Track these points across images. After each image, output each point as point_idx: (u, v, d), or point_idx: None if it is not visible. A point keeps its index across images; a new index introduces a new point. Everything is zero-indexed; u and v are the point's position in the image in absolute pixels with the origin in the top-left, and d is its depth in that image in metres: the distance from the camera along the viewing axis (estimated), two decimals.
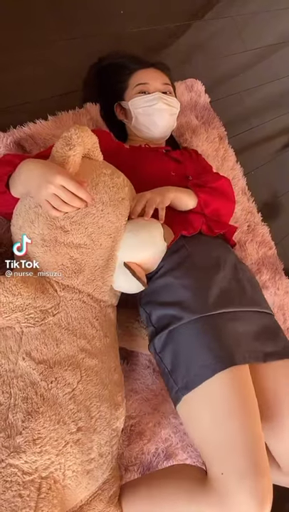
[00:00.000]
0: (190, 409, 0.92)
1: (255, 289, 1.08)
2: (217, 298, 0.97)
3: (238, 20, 2.00)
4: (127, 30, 1.50)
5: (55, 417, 0.78)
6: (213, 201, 1.14)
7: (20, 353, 0.81)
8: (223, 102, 1.80)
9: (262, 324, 1.01)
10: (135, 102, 1.25)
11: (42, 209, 0.88)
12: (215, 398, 0.87)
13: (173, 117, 1.29)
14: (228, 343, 0.91)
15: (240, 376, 0.88)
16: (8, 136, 1.12)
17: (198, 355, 0.91)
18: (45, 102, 1.25)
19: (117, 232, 0.94)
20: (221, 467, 0.81)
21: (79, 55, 1.34)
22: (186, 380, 0.91)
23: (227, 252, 1.11)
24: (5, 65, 1.17)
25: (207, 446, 0.87)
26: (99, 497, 0.89)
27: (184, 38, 1.74)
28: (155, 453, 1.17)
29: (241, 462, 0.80)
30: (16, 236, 0.94)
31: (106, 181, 0.94)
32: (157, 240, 0.96)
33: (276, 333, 1.04)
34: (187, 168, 1.23)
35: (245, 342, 0.94)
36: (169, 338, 0.96)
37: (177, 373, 0.93)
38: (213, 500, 0.80)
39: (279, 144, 2.06)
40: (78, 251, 0.89)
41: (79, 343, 0.87)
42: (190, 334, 0.93)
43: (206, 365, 0.88)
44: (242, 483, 0.78)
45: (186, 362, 0.92)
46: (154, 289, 1.02)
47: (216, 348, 0.90)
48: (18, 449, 0.73)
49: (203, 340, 0.92)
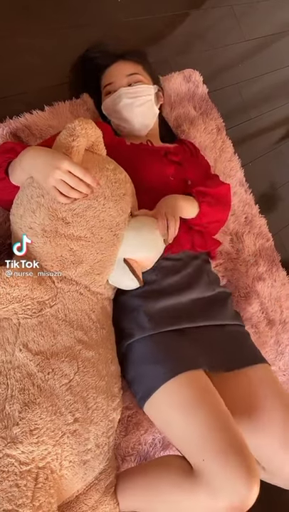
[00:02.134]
0: (154, 413, 0.97)
1: (220, 305, 1.12)
2: (169, 317, 1.03)
3: (237, 10, 1.98)
4: (123, 19, 1.48)
5: (51, 408, 0.78)
6: (212, 213, 1.16)
7: (17, 344, 0.81)
8: (222, 92, 1.78)
9: (226, 336, 1.06)
10: (106, 105, 1.25)
11: (45, 199, 0.88)
12: (172, 400, 0.91)
13: (145, 105, 1.22)
14: (178, 354, 0.97)
15: (193, 378, 0.92)
16: (5, 126, 1.11)
17: (150, 368, 0.96)
18: (41, 92, 1.23)
19: (117, 227, 0.94)
20: (200, 455, 0.82)
21: (76, 45, 1.33)
22: (143, 389, 0.96)
23: (201, 275, 1.13)
24: (2, 54, 1.15)
25: (182, 441, 0.89)
26: (95, 487, 0.90)
27: (182, 27, 1.72)
28: (152, 443, 1.18)
29: (218, 443, 0.81)
30: (15, 225, 0.93)
31: (109, 176, 0.94)
32: (159, 241, 0.97)
33: (242, 342, 1.09)
34: (187, 172, 1.22)
35: (203, 354, 0.99)
36: (126, 352, 1.02)
37: (135, 384, 1.00)
38: (200, 488, 0.80)
39: (277, 135, 2.04)
40: (78, 243, 0.89)
41: (76, 335, 0.87)
42: (142, 350, 1.00)
43: (157, 375, 0.93)
44: (224, 462, 0.78)
45: (140, 375, 0.98)
46: (121, 302, 1.06)
47: (165, 360, 0.95)
48: (15, 439, 0.74)
49: (154, 354, 0.98)
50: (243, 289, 1.52)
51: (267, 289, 1.58)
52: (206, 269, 1.17)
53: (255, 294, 1.53)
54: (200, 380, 0.93)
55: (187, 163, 1.25)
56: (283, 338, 1.56)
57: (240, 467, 0.77)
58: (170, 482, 0.87)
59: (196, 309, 1.07)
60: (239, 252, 1.57)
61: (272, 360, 1.50)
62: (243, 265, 1.55)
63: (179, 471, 0.87)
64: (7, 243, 1.05)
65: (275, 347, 1.52)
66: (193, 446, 0.85)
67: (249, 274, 1.55)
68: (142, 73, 1.25)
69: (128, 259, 0.95)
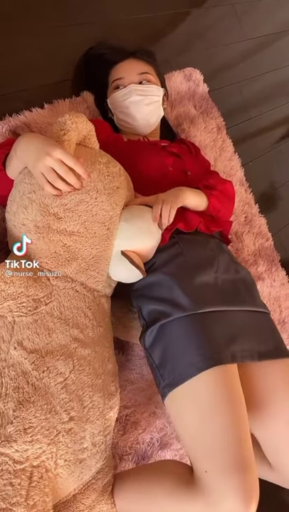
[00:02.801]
0: (175, 405, 0.92)
1: (249, 289, 1.08)
2: (207, 296, 0.97)
3: (238, 8, 1.97)
4: (124, 17, 1.48)
5: (46, 407, 0.78)
6: (222, 206, 1.15)
7: (12, 342, 0.80)
8: (222, 91, 1.78)
9: (254, 324, 1.01)
10: (113, 99, 1.24)
11: (36, 195, 0.87)
12: (200, 396, 0.87)
13: (153, 105, 1.24)
14: (216, 342, 0.91)
15: (226, 375, 0.88)
16: (4, 124, 1.11)
17: (185, 353, 0.91)
18: (41, 90, 1.23)
19: (111, 221, 0.93)
20: (205, 465, 0.81)
21: (76, 43, 1.33)
22: (172, 376, 0.91)
23: (221, 251, 1.11)
24: (1, 52, 1.15)
25: (192, 443, 0.87)
26: (92, 486, 0.89)
27: (183, 26, 1.71)
28: (150, 442, 1.18)
29: (225, 459, 0.79)
30: (9, 222, 0.93)
31: (101, 169, 0.93)
32: (153, 228, 0.96)
33: (269, 333, 1.04)
34: (186, 163, 1.22)
35: (234, 341, 0.93)
36: (158, 334, 0.96)
37: (164, 369, 0.93)
38: (198, 499, 0.80)
39: (278, 134, 2.04)
40: (71, 239, 0.89)
41: (72, 333, 0.87)
42: (178, 331, 0.93)
43: (192, 363, 0.89)
44: (226, 481, 0.77)
45: (173, 359, 0.93)
46: (145, 283, 1.01)
47: (202, 347, 0.90)
48: (9, 438, 0.73)
49: (191, 338, 0.92)
50: None
51: (266, 289, 1.57)
52: (225, 248, 1.15)
53: None
54: (232, 378, 0.89)
55: (185, 156, 1.25)
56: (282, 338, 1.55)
57: (242, 486, 0.77)
58: (168, 489, 0.87)
59: (230, 290, 1.02)
60: (238, 251, 1.57)
61: None
62: (243, 265, 1.55)
63: (177, 478, 0.87)
64: (5, 241, 1.05)
65: None
66: (200, 453, 0.84)
67: None
68: (152, 74, 1.26)
69: (126, 251, 0.94)
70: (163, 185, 1.11)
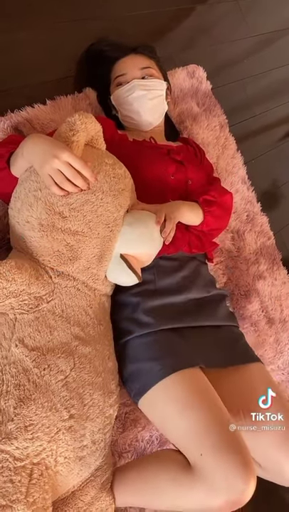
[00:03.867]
0: (149, 410, 0.97)
1: (213, 306, 1.12)
2: (167, 316, 1.02)
3: (242, 5, 1.96)
4: (128, 13, 1.47)
5: (47, 404, 0.78)
6: (215, 223, 1.16)
7: (14, 339, 0.81)
8: (225, 89, 1.77)
9: (218, 336, 1.07)
10: (116, 96, 1.24)
11: (42, 193, 0.87)
12: (167, 396, 0.91)
13: (157, 99, 1.24)
14: (176, 352, 0.97)
15: (191, 376, 0.93)
16: (6, 120, 1.11)
17: (147, 365, 0.96)
18: (43, 86, 1.23)
19: (114, 223, 0.94)
20: (198, 450, 0.82)
21: (79, 39, 1.32)
22: (139, 385, 0.96)
23: (197, 275, 1.13)
24: (4, 48, 1.15)
25: (179, 436, 0.89)
26: (91, 483, 0.90)
27: (187, 22, 1.70)
28: (149, 440, 1.18)
29: (214, 439, 0.81)
30: (13, 219, 0.93)
31: (107, 171, 0.93)
32: (155, 235, 0.97)
33: (233, 342, 1.09)
34: (188, 171, 1.21)
35: (196, 352, 0.99)
36: (122, 350, 1.01)
37: (131, 381, 0.99)
38: (198, 482, 0.81)
39: (281, 132, 2.03)
40: (75, 238, 0.89)
41: (73, 331, 0.87)
42: (140, 347, 0.99)
43: (153, 372, 0.93)
44: (221, 458, 0.79)
45: (137, 372, 0.98)
46: (117, 300, 1.06)
47: (162, 357, 0.95)
48: (9, 435, 0.74)
49: (151, 351, 0.97)
50: (244, 287, 1.51)
51: (267, 288, 1.57)
52: (202, 272, 1.17)
53: (256, 292, 1.53)
54: (197, 377, 0.93)
55: (189, 164, 1.24)
56: (283, 337, 1.55)
57: (237, 462, 0.78)
58: (167, 477, 0.88)
59: (192, 310, 1.07)
60: (240, 250, 1.56)
61: (271, 358, 1.50)
62: (244, 263, 1.55)
63: (176, 465, 0.87)
64: (7, 237, 1.05)
65: (274, 346, 1.52)
66: (190, 442, 0.85)
67: (250, 273, 1.55)
68: (154, 68, 1.26)
69: (125, 255, 0.94)
70: (163, 193, 1.12)
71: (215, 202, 1.16)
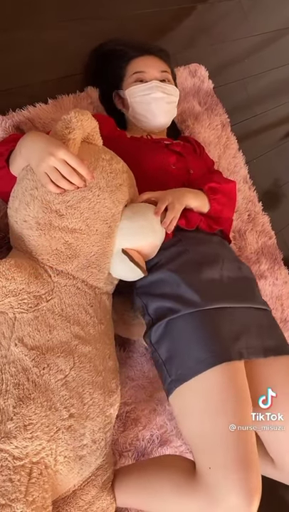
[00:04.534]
0: (181, 401, 0.92)
1: (250, 286, 1.09)
2: (214, 293, 0.97)
3: (244, 3, 1.95)
4: (129, 12, 1.47)
5: (46, 404, 0.78)
6: (221, 211, 1.16)
7: (13, 338, 0.80)
8: (227, 88, 1.77)
9: (257, 321, 1.02)
10: (132, 91, 1.23)
11: (38, 192, 0.87)
12: (207, 392, 0.87)
13: (171, 105, 1.26)
14: (224, 338, 0.91)
15: (234, 372, 0.88)
16: (8, 119, 1.10)
17: (193, 349, 0.91)
18: (45, 85, 1.22)
19: (112, 219, 0.93)
20: (209, 461, 0.81)
21: (81, 38, 1.32)
22: (180, 372, 0.91)
23: (224, 249, 1.12)
24: (5, 46, 1.14)
25: (196, 439, 0.87)
26: (92, 482, 0.90)
27: (188, 20, 1.70)
28: (150, 439, 1.18)
29: (229, 456, 0.79)
30: (11, 219, 0.93)
31: (104, 166, 0.93)
32: (156, 227, 0.96)
33: (271, 330, 1.04)
34: (189, 162, 1.21)
35: (239, 338, 0.94)
36: (165, 329, 0.96)
37: (171, 365, 0.93)
38: (200, 494, 0.80)
39: (282, 131, 2.03)
40: (73, 236, 0.89)
41: (72, 330, 0.87)
42: (186, 327, 0.93)
43: (200, 359, 0.89)
44: (230, 477, 0.77)
45: (180, 354, 0.92)
46: (151, 280, 1.01)
47: (211, 343, 0.90)
48: (8, 434, 0.73)
49: (199, 334, 0.92)
50: None
51: (268, 287, 1.57)
52: (226, 245, 1.16)
53: None
54: (239, 375, 0.89)
55: (189, 155, 1.24)
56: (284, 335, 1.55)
57: (245, 483, 0.77)
58: (170, 483, 0.87)
59: (233, 288, 1.03)
60: (241, 249, 1.56)
61: None
62: (245, 263, 1.54)
63: (179, 472, 0.87)
64: (8, 237, 1.05)
65: None
66: (205, 450, 0.84)
67: None
68: (170, 74, 1.28)
69: (127, 250, 0.93)
70: (165, 183, 1.11)
71: (220, 189, 1.15)
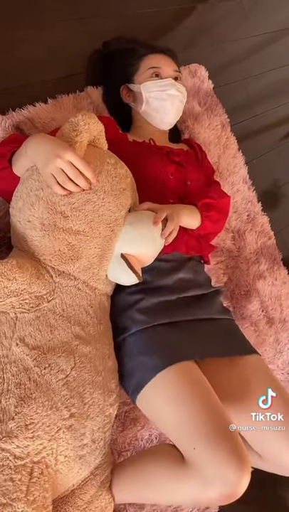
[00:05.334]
0: (146, 406, 0.97)
1: (209, 300, 1.13)
2: (163, 312, 1.03)
3: (245, 4, 1.95)
4: (130, 11, 1.46)
5: (47, 403, 0.78)
6: (212, 227, 1.17)
7: (14, 338, 0.81)
8: (227, 88, 1.76)
9: (215, 329, 1.07)
10: (148, 86, 1.22)
11: (44, 192, 0.87)
12: (163, 392, 0.91)
13: (182, 104, 1.28)
14: (170, 345, 0.97)
15: (186, 370, 0.93)
16: (7, 119, 1.10)
17: (144, 360, 0.96)
18: (45, 85, 1.22)
19: (116, 222, 0.94)
20: (191, 443, 0.83)
21: (81, 37, 1.31)
22: (135, 382, 0.96)
23: (194, 275, 1.14)
24: (5, 46, 1.14)
25: (173, 430, 0.89)
26: (91, 482, 0.90)
27: (189, 20, 1.70)
28: (148, 439, 1.18)
29: (208, 432, 0.81)
30: (14, 218, 0.93)
31: (109, 170, 0.93)
32: (156, 236, 0.97)
33: (230, 334, 1.09)
34: (187, 173, 1.21)
35: (192, 344, 0.99)
36: (119, 348, 1.01)
37: (127, 379, 0.99)
38: (193, 475, 0.81)
39: (282, 132, 2.03)
40: (76, 237, 0.89)
41: (73, 330, 0.87)
42: (135, 343, 1.00)
43: (147, 368, 0.94)
44: (215, 451, 0.79)
45: (132, 368, 0.98)
46: (115, 299, 1.06)
47: (157, 351, 0.96)
48: (10, 433, 0.74)
49: (147, 346, 0.98)
50: (244, 286, 1.52)
51: (267, 288, 1.57)
52: (199, 271, 1.17)
53: (256, 292, 1.53)
54: (191, 371, 0.94)
55: (189, 165, 1.24)
56: (282, 337, 1.55)
57: (231, 455, 0.78)
58: (162, 471, 0.89)
59: (187, 304, 1.07)
60: (241, 249, 1.56)
61: (271, 358, 1.50)
62: (244, 263, 1.55)
63: (171, 459, 0.88)
64: (7, 236, 1.05)
65: (274, 345, 1.52)
66: (184, 436, 0.85)
67: (250, 272, 1.55)
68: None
69: (126, 255, 0.94)
70: (161, 192, 1.12)
71: (213, 206, 1.16)
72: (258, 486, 0.82)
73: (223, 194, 1.26)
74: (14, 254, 0.92)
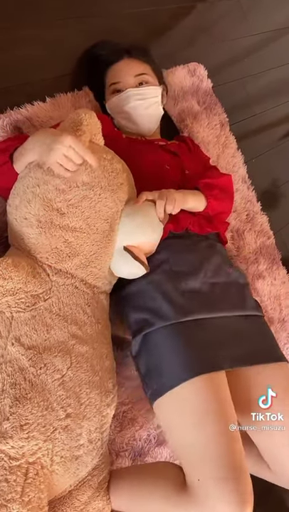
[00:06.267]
0: (162, 413, 0.93)
1: (240, 292, 1.08)
2: (191, 305, 0.97)
3: (243, 3, 1.95)
4: (128, 10, 1.46)
5: (43, 403, 0.78)
6: (220, 205, 1.15)
7: (10, 338, 0.80)
8: (226, 87, 1.76)
9: (245, 328, 1.02)
10: (110, 105, 1.23)
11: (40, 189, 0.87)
12: (186, 405, 0.87)
13: (152, 108, 1.23)
14: (198, 350, 0.92)
15: (211, 383, 0.88)
16: (5, 117, 1.10)
17: (167, 363, 0.92)
18: (43, 83, 1.22)
19: (113, 218, 0.93)
20: (197, 473, 0.81)
21: (79, 36, 1.31)
22: (157, 385, 0.92)
23: (213, 253, 1.10)
24: (3, 45, 1.14)
25: (182, 451, 0.87)
26: (88, 483, 0.90)
27: (188, 19, 1.69)
28: (147, 439, 1.18)
29: (218, 467, 0.79)
30: (10, 216, 0.93)
31: (106, 166, 0.93)
32: (154, 222, 0.96)
33: (260, 337, 1.04)
34: (184, 162, 1.21)
35: (221, 348, 0.94)
36: (142, 343, 0.97)
37: (149, 378, 0.95)
38: (191, 506, 0.80)
39: (281, 131, 2.02)
40: (73, 234, 0.89)
41: (70, 329, 0.87)
42: (161, 341, 0.94)
43: (173, 374, 0.90)
44: (220, 488, 0.77)
45: (156, 369, 0.94)
46: (129, 291, 1.03)
47: (183, 357, 0.91)
48: (4, 434, 0.73)
49: (174, 347, 0.93)
50: None
51: (267, 287, 1.57)
52: (217, 249, 1.14)
53: (255, 291, 1.53)
54: (219, 385, 0.89)
55: (183, 155, 1.24)
56: (282, 337, 1.55)
57: (235, 494, 0.76)
58: (163, 493, 0.87)
59: (217, 296, 1.02)
60: (239, 249, 1.56)
61: None
62: (243, 262, 1.54)
63: (171, 483, 0.86)
64: (4, 236, 1.05)
65: None
66: (194, 460, 0.83)
67: (249, 272, 1.54)
68: (149, 73, 1.24)
69: (128, 247, 0.93)
70: (160, 183, 1.11)
71: (215, 185, 1.14)
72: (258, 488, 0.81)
73: (222, 174, 1.24)
74: (11, 253, 0.92)
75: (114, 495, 0.93)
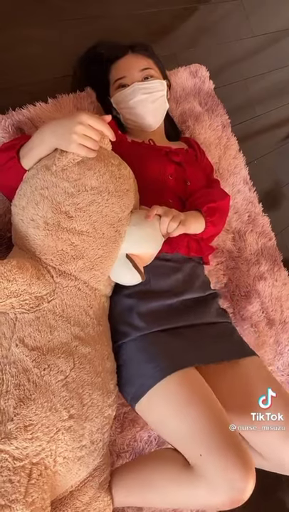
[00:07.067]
0: (146, 414, 0.96)
1: (207, 305, 1.12)
2: (161, 317, 1.02)
3: (246, 4, 1.95)
4: (131, 11, 1.46)
5: (47, 404, 0.78)
6: (215, 229, 1.17)
7: (14, 339, 0.80)
8: (228, 88, 1.76)
9: (212, 333, 1.07)
10: (116, 99, 1.23)
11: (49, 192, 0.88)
12: (167, 398, 0.90)
13: (158, 102, 1.23)
14: (169, 353, 0.96)
15: (186, 377, 0.92)
16: (7, 118, 1.10)
17: (143, 368, 0.95)
18: (45, 84, 1.22)
19: (119, 223, 0.94)
20: (197, 450, 0.83)
21: (82, 37, 1.31)
22: (135, 389, 0.95)
23: (193, 277, 1.13)
24: (6, 45, 1.14)
25: (176, 438, 0.89)
26: (90, 483, 0.90)
27: (190, 21, 1.70)
28: (147, 440, 1.18)
29: (213, 439, 0.81)
30: (16, 217, 0.93)
31: (113, 171, 0.93)
32: (159, 236, 0.98)
33: (228, 338, 1.09)
34: (187, 172, 1.21)
35: (190, 350, 0.99)
36: (119, 354, 1.01)
37: (125, 386, 0.98)
38: (200, 481, 0.81)
39: (283, 133, 2.03)
40: (80, 238, 0.89)
41: (73, 331, 0.87)
42: (135, 349, 0.99)
43: (149, 376, 0.93)
44: (221, 457, 0.79)
45: (132, 375, 0.97)
46: (112, 303, 1.06)
47: (156, 360, 0.95)
48: (9, 435, 0.73)
49: (145, 354, 0.97)
50: (244, 287, 1.51)
51: (268, 289, 1.57)
52: (198, 274, 1.17)
53: (256, 293, 1.53)
54: (193, 377, 0.93)
55: (188, 165, 1.23)
56: (283, 338, 1.55)
57: (236, 462, 0.79)
58: (167, 475, 0.88)
59: (185, 309, 1.07)
60: (241, 250, 1.56)
61: (271, 360, 1.50)
62: (245, 264, 1.54)
63: (175, 465, 0.88)
64: (7, 236, 1.05)
65: (274, 347, 1.52)
66: (189, 443, 0.85)
67: (250, 273, 1.55)
68: (153, 68, 1.24)
69: (131, 255, 0.94)
70: (161, 193, 1.12)
71: (217, 209, 1.16)
72: (259, 489, 0.82)
73: (224, 194, 1.25)
74: (14, 254, 0.92)
75: (117, 490, 0.94)
